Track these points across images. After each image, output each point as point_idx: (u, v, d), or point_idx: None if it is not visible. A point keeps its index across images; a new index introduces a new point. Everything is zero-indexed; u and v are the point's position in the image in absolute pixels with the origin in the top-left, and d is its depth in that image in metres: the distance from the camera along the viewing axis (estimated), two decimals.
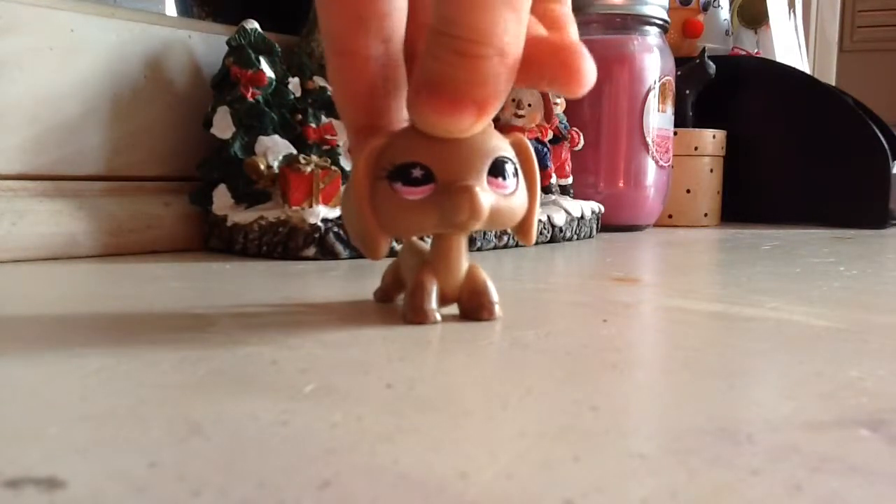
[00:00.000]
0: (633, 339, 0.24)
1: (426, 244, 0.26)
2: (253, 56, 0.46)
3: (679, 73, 0.72)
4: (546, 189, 0.58)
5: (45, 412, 0.15)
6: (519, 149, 0.24)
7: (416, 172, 0.22)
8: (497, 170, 0.22)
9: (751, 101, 0.82)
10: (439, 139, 0.22)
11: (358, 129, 0.23)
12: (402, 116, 0.23)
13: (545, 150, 0.57)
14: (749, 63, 0.84)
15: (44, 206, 0.41)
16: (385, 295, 0.28)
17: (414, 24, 0.23)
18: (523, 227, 0.24)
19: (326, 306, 0.28)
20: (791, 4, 1.01)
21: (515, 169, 0.23)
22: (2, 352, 0.21)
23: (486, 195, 0.22)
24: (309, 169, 0.42)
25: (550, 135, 0.58)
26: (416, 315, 0.24)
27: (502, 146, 0.23)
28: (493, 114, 0.21)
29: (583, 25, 0.68)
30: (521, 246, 0.51)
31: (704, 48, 0.79)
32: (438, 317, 0.24)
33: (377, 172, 0.22)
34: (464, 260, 0.25)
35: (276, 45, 0.48)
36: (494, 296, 0.25)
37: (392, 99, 0.23)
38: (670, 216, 0.76)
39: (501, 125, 0.54)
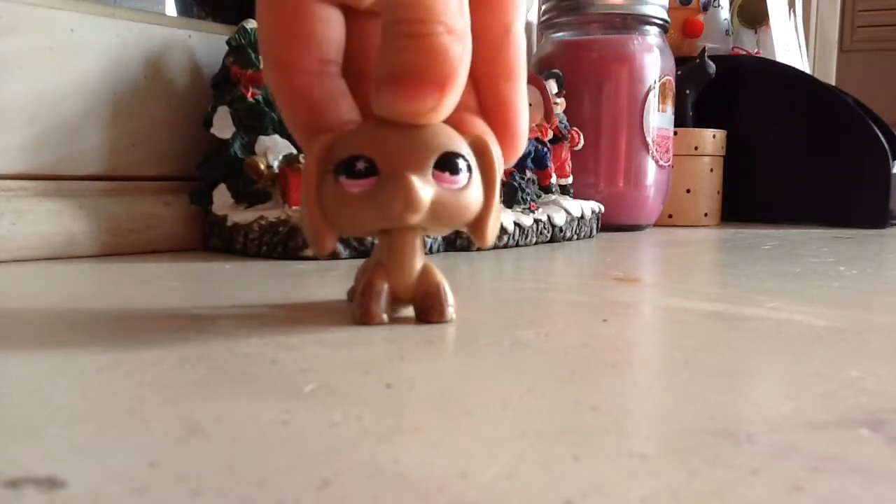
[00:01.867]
0: (633, 339, 0.24)
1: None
2: (253, 56, 0.46)
3: (679, 72, 0.72)
4: (546, 189, 0.58)
5: (44, 412, 0.15)
6: (478, 150, 0.23)
7: (360, 165, 0.22)
8: (444, 164, 0.22)
9: (751, 101, 0.82)
10: (387, 134, 0.22)
11: (308, 136, 0.23)
12: (348, 122, 0.23)
13: (545, 149, 0.57)
14: (749, 63, 0.85)
15: (44, 206, 0.41)
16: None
17: (363, 49, 0.24)
18: (478, 227, 0.24)
19: (326, 306, 0.28)
20: (791, 4, 1.02)
21: (469, 166, 0.22)
22: (2, 351, 0.21)
23: (425, 187, 0.21)
24: None
25: (550, 134, 0.58)
26: (363, 315, 0.24)
27: (455, 143, 0.22)
28: (455, 93, 0.21)
29: (583, 25, 0.68)
30: (521, 245, 0.51)
31: (704, 48, 0.79)
32: (386, 318, 0.24)
33: (325, 167, 0.22)
34: (417, 260, 0.24)
35: None
36: (448, 297, 0.24)
37: (336, 109, 0.23)
38: (670, 216, 0.76)
39: None
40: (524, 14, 0.24)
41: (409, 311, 0.25)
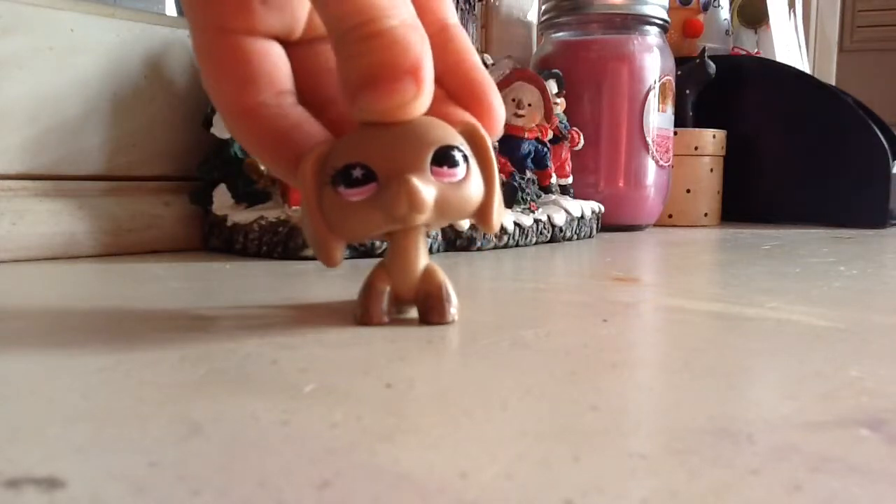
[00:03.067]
0: (633, 339, 0.24)
1: None
2: None
3: (679, 73, 0.72)
4: (546, 189, 0.58)
5: (45, 412, 0.15)
6: (471, 137, 0.23)
7: (357, 173, 0.21)
8: (442, 158, 0.22)
9: (751, 101, 0.82)
10: (379, 136, 0.22)
11: (288, 169, 0.23)
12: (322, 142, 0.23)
13: (545, 149, 0.57)
14: (749, 63, 0.85)
15: (44, 206, 0.41)
16: None
17: (311, 76, 0.24)
18: (482, 214, 0.23)
19: (326, 306, 0.28)
20: (791, 4, 1.02)
21: (465, 155, 0.22)
22: (2, 351, 0.21)
23: (427, 186, 0.21)
24: None
25: (550, 134, 0.58)
26: (363, 316, 0.24)
27: (448, 135, 0.22)
28: (429, 79, 0.21)
29: (583, 25, 0.68)
30: (521, 245, 0.51)
31: (704, 48, 0.79)
32: (386, 318, 0.24)
33: (322, 179, 0.22)
34: (420, 260, 0.24)
35: None
36: (451, 298, 0.24)
37: (308, 135, 0.23)
38: (670, 216, 0.76)
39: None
40: (453, 8, 0.25)
41: (415, 312, 0.25)
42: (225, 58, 0.23)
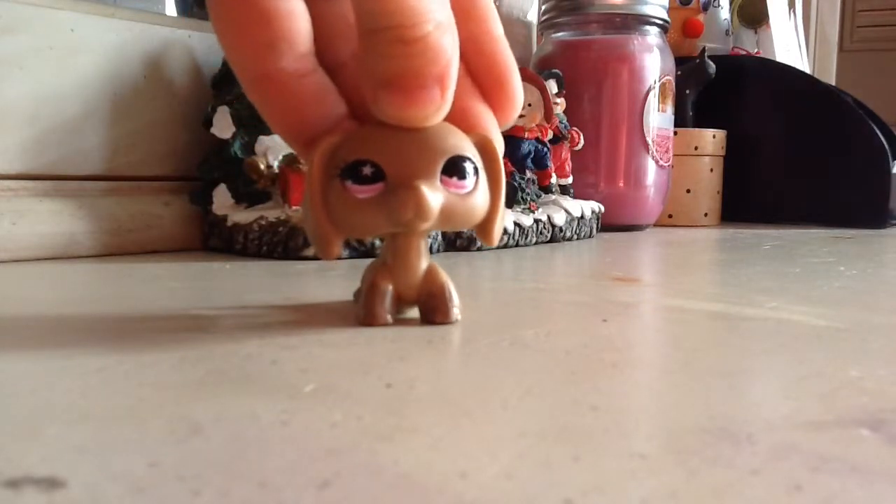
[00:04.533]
0: (633, 339, 0.24)
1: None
2: None
3: (679, 72, 0.72)
4: (546, 189, 0.58)
5: (45, 412, 0.15)
6: (483, 149, 0.23)
7: (366, 170, 0.21)
8: (452, 168, 0.22)
9: (751, 101, 0.82)
10: (393, 137, 0.21)
11: (305, 143, 0.23)
12: (340, 117, 0.23)
13: (545, 149, 0.57)
14: (749, 63, 0.85)
15: (44, 206, 0.41)
16: None
17: (326, 36, 0.23)
18: (485, 228, 0.24)
19: (326, 306, 0.28)
20: (791, 4, 1.02)
21: (476, 168, 0.22)
22: (2, 352, 0.21)
23: (435, 194, 0.21)
24: None
25: (550, 134, 0.58)
26: (366, 317, 0.24)
27: (462, 145, 0.22)
28: (453, 84, 0.21)
29: (583, 25, 0.68)
30: (521, 245, 0.51)
31: (704, 48, 0.79)
32: (390, 319, 0.24)
33: (330, 171, 0.22)
34: (422, 261, 0.24)
35: None
36: (453, 298, 0.24)
37: (326, 106, 0.23)
38: (670, 216, 0.76)
39: None
40: None
41: (414, 312, 0.25)
42: (244, 19, 0.21)
